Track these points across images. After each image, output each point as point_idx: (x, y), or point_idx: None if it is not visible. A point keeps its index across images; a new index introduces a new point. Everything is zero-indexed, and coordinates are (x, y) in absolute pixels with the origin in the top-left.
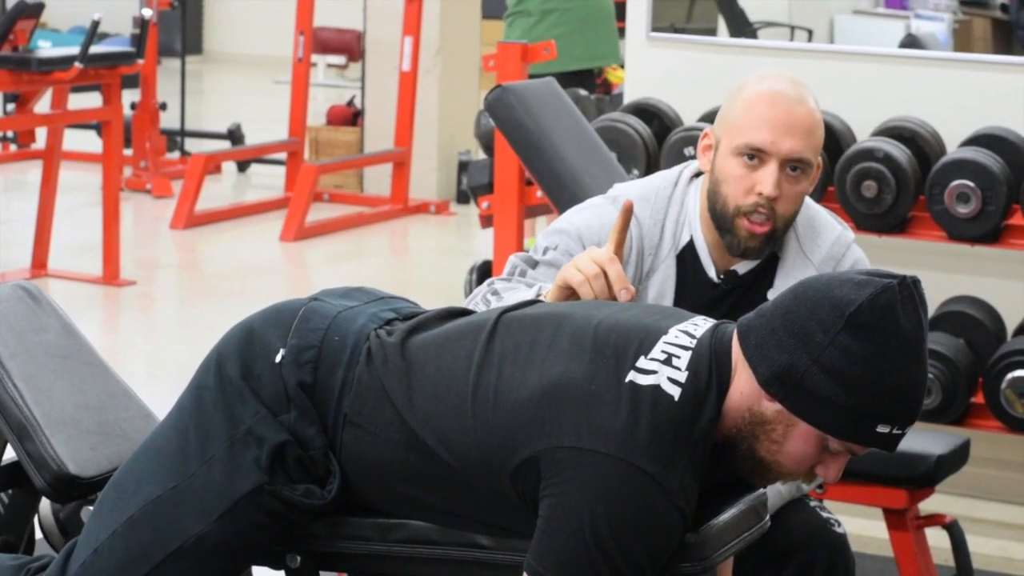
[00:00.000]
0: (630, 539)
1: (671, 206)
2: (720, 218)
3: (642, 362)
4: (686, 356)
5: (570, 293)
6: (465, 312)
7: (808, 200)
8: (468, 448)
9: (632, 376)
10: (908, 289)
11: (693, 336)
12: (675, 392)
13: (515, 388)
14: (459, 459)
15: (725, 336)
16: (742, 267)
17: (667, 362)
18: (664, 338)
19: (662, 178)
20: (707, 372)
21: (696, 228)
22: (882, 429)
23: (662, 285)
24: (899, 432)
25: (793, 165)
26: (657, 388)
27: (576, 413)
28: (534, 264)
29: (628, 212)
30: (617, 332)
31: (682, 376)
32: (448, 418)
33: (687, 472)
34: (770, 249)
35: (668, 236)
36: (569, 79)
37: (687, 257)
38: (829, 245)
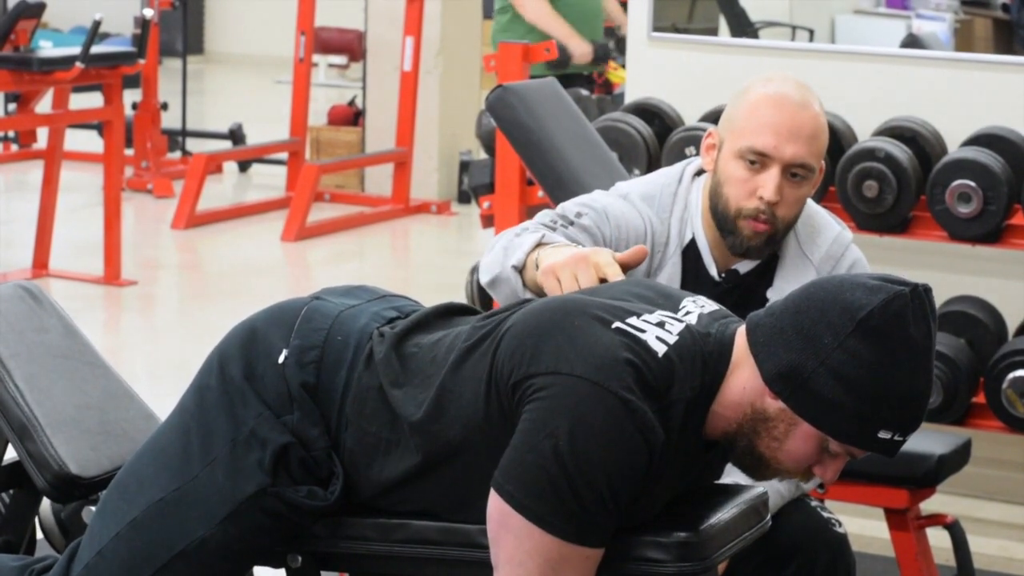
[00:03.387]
0: (589, 457)
1: (676, 203)
2: (722, 218)
3: (632, 320)
4: (679, 326)
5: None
6: (465, 308)
7: (808, 200)
8: (466, 419)
9: (619, 324)
10: (920, 297)
11: (691, 312)
12: (660, 348)
13: (500, 329)
14: (460, 435)
15: (728, 326)
16: (743, 266)
17: (660, 325)
18: (661, 309)
19: (665, 175)
20: (701, 346)
21: (698, 226)
22: (884, 435)
23: (669, 282)
24: (900, 439)
25: (795, 171)
26: (643, 341)
27: (556, 343)
28: (570, 223)
29: (642, 254)
30: (609, 305)
31: (672, 339)
32: (441, 411)
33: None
34: (771, 250)
35: (674, 233)
36: (565, 79)
37: (690, 254)
38: (828, 244)
